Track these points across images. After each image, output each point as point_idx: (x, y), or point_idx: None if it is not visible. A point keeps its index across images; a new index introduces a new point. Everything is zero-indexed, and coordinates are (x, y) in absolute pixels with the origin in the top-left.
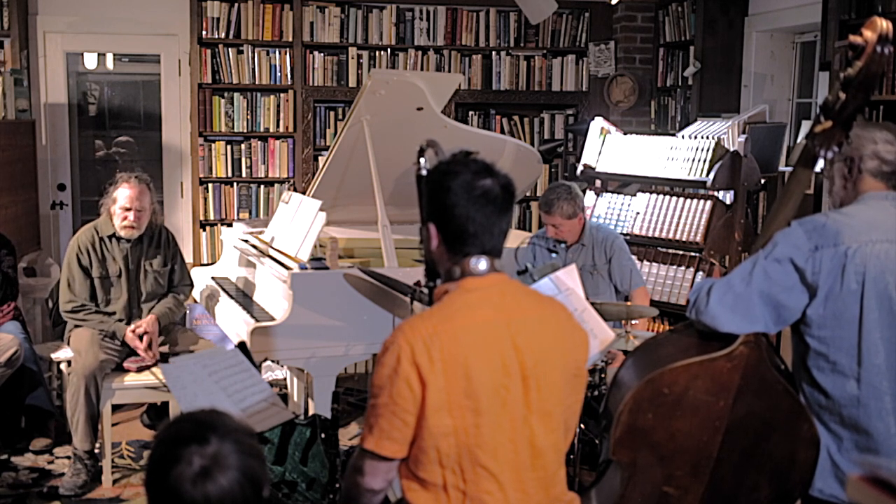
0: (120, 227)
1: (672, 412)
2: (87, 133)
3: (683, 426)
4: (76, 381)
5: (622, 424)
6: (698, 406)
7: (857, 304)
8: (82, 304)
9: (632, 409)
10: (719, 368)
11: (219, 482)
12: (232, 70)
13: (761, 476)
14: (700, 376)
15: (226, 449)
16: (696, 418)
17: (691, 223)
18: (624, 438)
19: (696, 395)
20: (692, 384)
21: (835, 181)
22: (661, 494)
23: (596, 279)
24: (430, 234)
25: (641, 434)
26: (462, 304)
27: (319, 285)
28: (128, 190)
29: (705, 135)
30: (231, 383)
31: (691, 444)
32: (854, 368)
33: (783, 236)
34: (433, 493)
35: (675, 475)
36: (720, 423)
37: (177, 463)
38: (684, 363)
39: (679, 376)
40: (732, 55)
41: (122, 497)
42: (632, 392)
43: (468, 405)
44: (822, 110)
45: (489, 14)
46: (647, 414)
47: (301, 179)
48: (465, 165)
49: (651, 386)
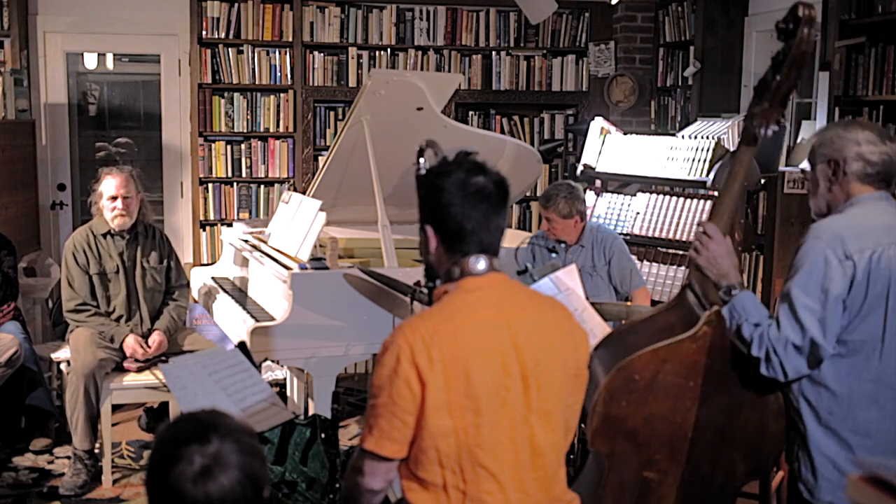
0: (112, 219)
1: (644, 398)
2: (87, 133)
3: (657, 410)
4: (75, 380)
5: (598, 415)
6: (669, 389)
7: (883, 306)
8: (84, 303)
9: (605, 399)
10: (686, 350)
11: (220, 481)
12: (232, 70)
13: (735, 452)
14: (668, 360)
15: (226, 448)
16: (668, 401)
17: (691, 223)
18: (600, 429)
19: (666, 378)
20: (662, 368)
21: (819, 184)
22: (642, 480)
23: (595, 280)
24: (428, 237)
25: (617, 422)
26: (462, 303)
27: (319, 285)
28: (112, 179)
29: (705, 135)
30: (231, 383)
31: (666, 428)
32: (872, 369)
33: (808, 257)
34: (433, 493)
35: (654, 459)
36: (692, 404)
37: (178, 462)
38: (652, 348)
39: (648, 362)
40: (732, 55)
41: (122, 497)
42: (604, 382)
43: (468, 405)
44: (758, 91)
45: (489, 14)
46: (620, 402)
47: (301, 179)
48: (457, 165)
49: (622, 374)
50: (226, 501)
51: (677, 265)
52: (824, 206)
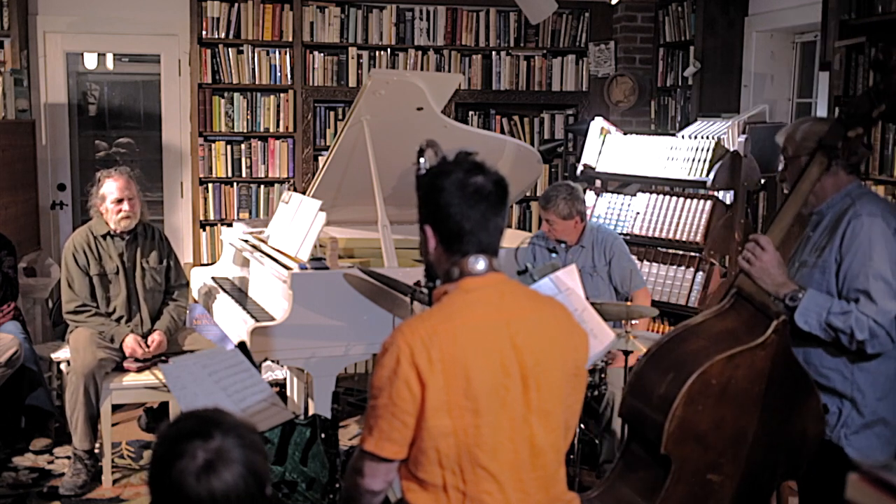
0: (116, 221)
1: (717, 402)
2: (87, 133)
3: (726, 414)
4: (75, 380)
5: (677, 419)
6: (738, 394)
7: None
8: (84, 304)
9: (686, 403)
10: (756, 356)
11: (223, 476)
12: (232, 70)
13: (780, 453)
14: (741, 365)
15: (229, 444)
16: (736, 405)
17: (691, 223)
18: (676, 433)
19: (737, 383)
20: (734, 373)
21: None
22: (705, 482)
23: (595, 281)
24: (427, 237)
25: (691, 426)
26: (461, 304)
27: (319, 285)
28: (115, 182)
29: (705, 135)
30: (231, 383)
31: (732, 432)
32: None
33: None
34: (433, 493)
35: (719, 462)
36: (755, 408)
37: (180, 458)
38: (727, 354)
39: (724, 367)
40: (732, 55)
41: (122, 497)
42: (686, 387)
43: (467, 406)
44: (853, 118)
45: (489, 14)
46: (697, 406)
47: (301, 179)
48: (456, 164)
49: (701, 379)
50: (229, 496)
51: (677, 265)
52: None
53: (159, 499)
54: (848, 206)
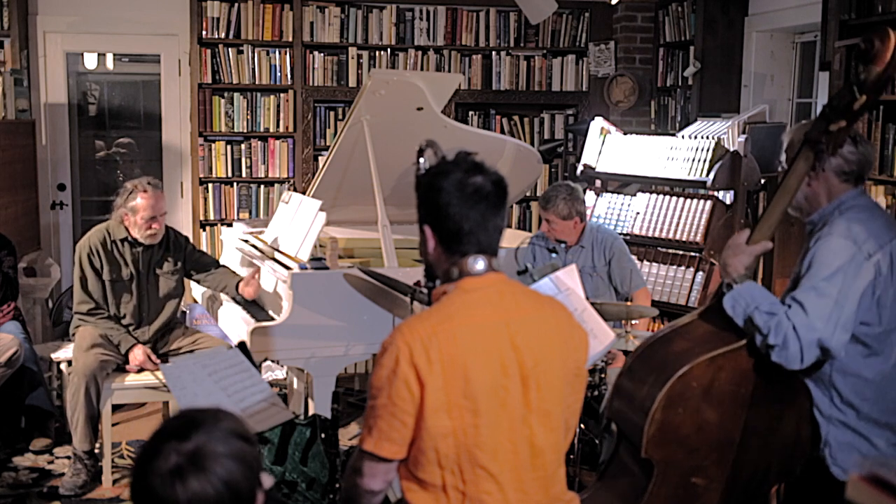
0: (144, 237)
1: (700, 405)
2: (87, 133)
3: (710, 417)
4: (76, 380)
5: (656, 423)
6: (723, 396)
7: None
8: (97, 307)
9: (665, 406)
10: (740, 357)
11: (189, 485)
12: (232, 70)
13: (772, 455)
14: (724, 367)
15: (207, 450)
16: (721, 408)
17: (691, 223)
18: (656, 436)
19: (720, 385)
20: (717, 375)
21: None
22: (689, 486)
23: (595, 281)
24: (427, 237)
25: (672, 430)
26: (460, 304)
27: (319, 285)
28: (149, 200)
29: (705, 135)
30: (231, 383)
31: (717, 434)
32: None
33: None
34: (433, 493)
35: (703, 465)
36: (741, 411)
37: (155, 457)
38: (709, 356)
39: (706, 369)
40: (732, 55)
41: (122, 497)
42: (664, 390)
43: (467, 406)
44: (835, 110)
45: (489, 14)
46: (677, 409)
47: (301, 179)
48: (455, 165)
49: (682, 381)
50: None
51: (677, 265)
52: (803, 199)
53: (133, 495)
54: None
